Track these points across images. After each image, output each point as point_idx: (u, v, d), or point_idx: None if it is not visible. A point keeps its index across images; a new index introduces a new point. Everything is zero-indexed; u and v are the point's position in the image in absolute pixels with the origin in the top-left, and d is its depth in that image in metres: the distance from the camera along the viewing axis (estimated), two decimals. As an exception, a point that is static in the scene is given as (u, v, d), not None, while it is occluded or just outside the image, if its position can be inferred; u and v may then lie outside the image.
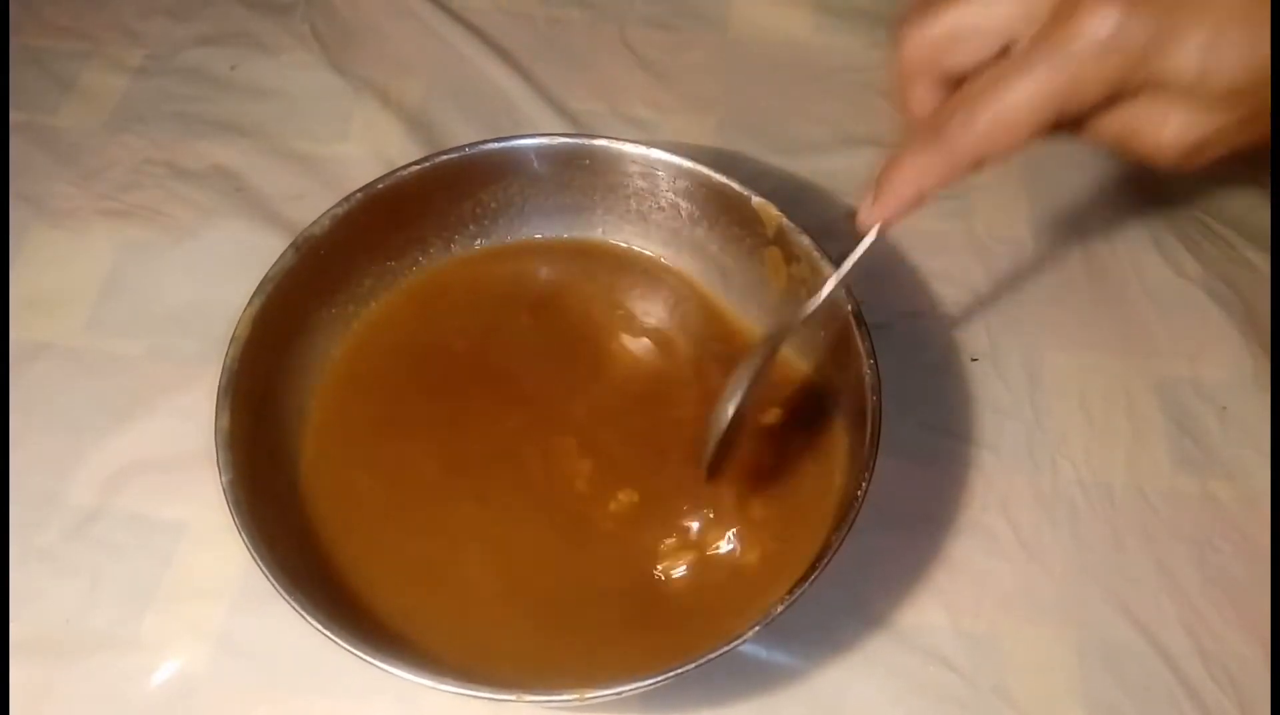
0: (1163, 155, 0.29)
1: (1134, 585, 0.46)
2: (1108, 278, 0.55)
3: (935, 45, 0.30)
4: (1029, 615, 0.45)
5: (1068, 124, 0.29)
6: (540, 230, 0.49)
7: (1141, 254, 0.55)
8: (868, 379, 0.39)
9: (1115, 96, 0.28)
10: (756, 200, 0.44)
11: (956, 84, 0.30)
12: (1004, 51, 0.29)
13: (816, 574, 0.35)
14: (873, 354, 0.39)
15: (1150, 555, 0.47)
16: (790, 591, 0.35)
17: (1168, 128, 0.28)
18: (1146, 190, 0.58)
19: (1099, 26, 0.26)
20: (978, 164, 0.29)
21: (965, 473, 0.49)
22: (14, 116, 0.60)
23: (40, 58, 0.63)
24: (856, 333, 0.40)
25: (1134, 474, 0.49)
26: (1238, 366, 0.52)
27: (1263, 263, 0.55)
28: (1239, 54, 0.26)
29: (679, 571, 0.40)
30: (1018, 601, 0.45)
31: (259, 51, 0.63)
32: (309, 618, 0.35)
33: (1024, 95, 0.27)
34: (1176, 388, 0.51)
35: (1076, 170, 0.58)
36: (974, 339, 0.53)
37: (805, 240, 0.43)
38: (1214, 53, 0.26)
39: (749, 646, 0.35)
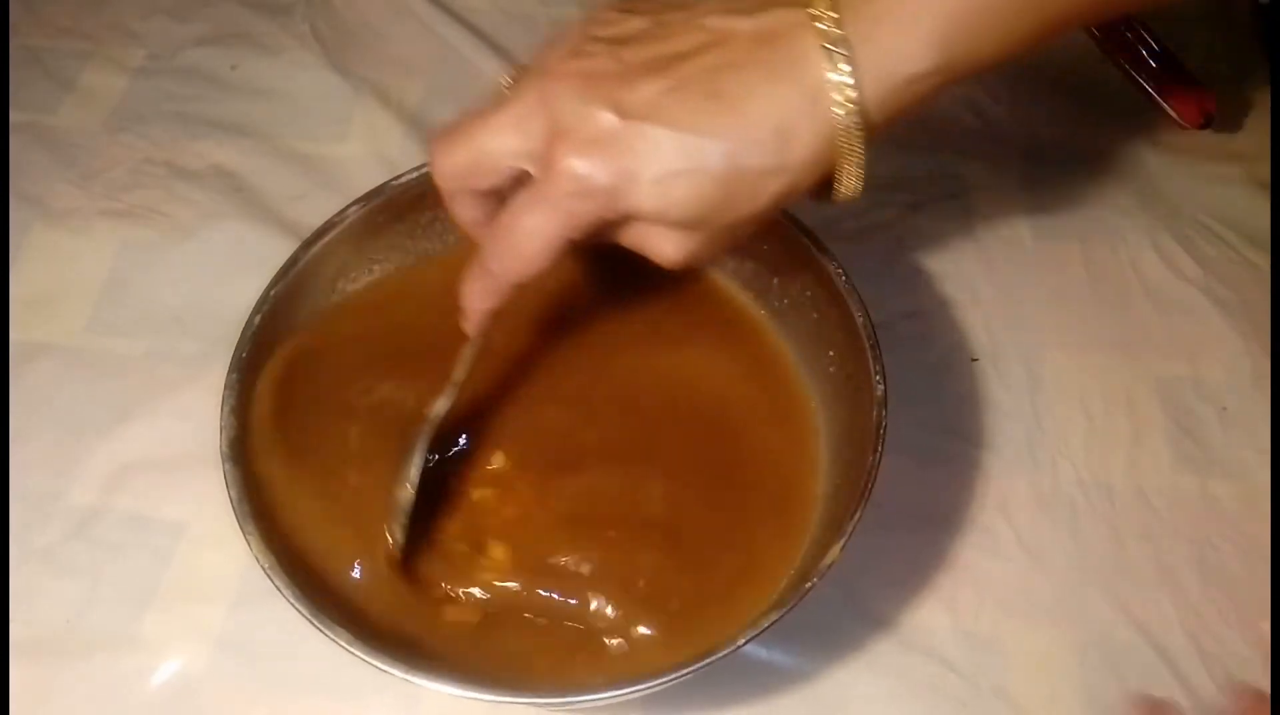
0: (672, 263, 0.35)
1: (1134, 585, 0.46)
2: (1108, 278, 0.55)
3: (460, 171, 0.35)
4: (1029, 615, 0.45)
5: (586, 239, 0.34)
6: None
7: (1141, 254, 0.55)
8: (877, 393, 0.39)
9: (611, 222, 0.33)
10: None
11: (498, 194, 0.35)
12: (523, 174, 0.34)
13: (818, 577, 0.35)
14: (882, 372, 0.39)
15: (1150, 555, 0.47)
16: (792, 594, 0.35)
17: (665, 245, 0.34)
18: (1146, 191, 0.58)
19: (569, 175, 0.32)
20: (518, 282, 0.35)
21: (965, 473, 0.49)
22: (14, 116, 0.60)
23: (40, 58, 0.63)
24: (869, 353, 0.40)
25: (1134, 474, 0.49)
26: (1238, 366, 0.52)
27: (1263, 263, 0.55)
28: (679, 200, 0.32)
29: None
30: (1018, 601, 0.45)
31: (259, 51, 0.63)
32: (310, 617, 0.35)
33: (533, 230, 0.33)
34: (1176, 388, 0.51)
35: (1077, 170, 0.58)
36: (974, 339, 0.53)
37: (804, 241, 0.43)
38: (661, 197, 0.32)
39: (750, 647, 0.35)
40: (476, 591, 0.39)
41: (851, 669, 0.44)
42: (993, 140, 0.59)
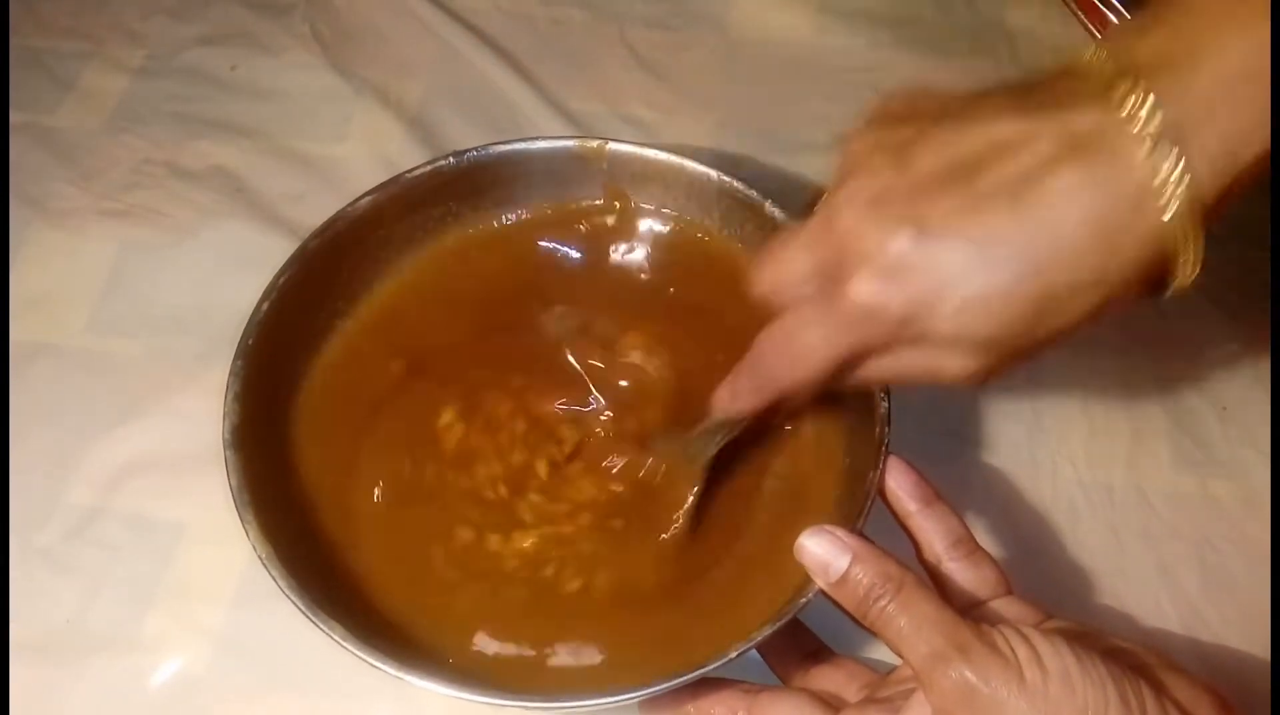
0: (958, 385, 0.33)
1: (1134, 585, 0.46)
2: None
3: (767, 292, 0.35)
4: (1029, 615, 0.45)
5: (861, 363, 0.33)
6: (544, 230, 0.49)
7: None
8: (881, 410, 0.38)
9: (892, 345, 0.32)
10: (769, 207, 0.44)
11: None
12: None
13: (813, 593, 0.35)
14: (887, 388, 0.39)
15: (1150, 555, 0.47)
16: (793, 600, 0.35)
17: (950, 367, 0.32)
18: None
19: (859, 301, 0.31)
20: (784, 394, 0.35)
21: (965, 473, 0.49)
22: (14, 116, 0.60)
23: (40, 58, 0.63)
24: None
25: (1134, 474, 0.49)
26: (1238, 366, 0.52)
27: (1262, 263, 0.55)
28: (983, 321, 0.30)
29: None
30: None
31: (259, 51, 0.63)
32: (312, 616, 0.35)
33: (813, 347, 0.33)
34: (1176, 388, 0.51)
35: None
36: (974, 339, 0.53)
37: None
38: (963, 320, 0.30)
39: (752, 650, 0.35)
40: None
41: (852, 669, 0.44)
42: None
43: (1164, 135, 0.28)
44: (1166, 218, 0.29)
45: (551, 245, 0.48)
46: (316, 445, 0.43)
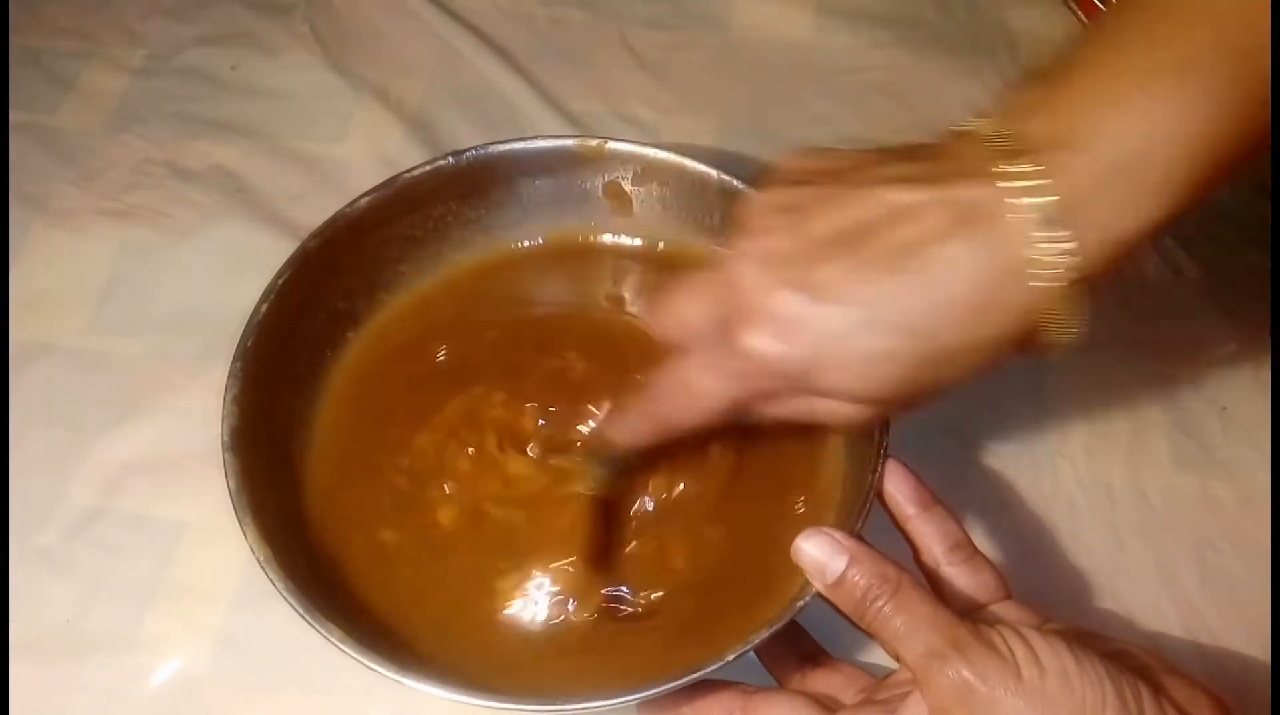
0: (849, 427, 0.36)
1: (1134, 585, 0.46)
2: (1107, 278, 0.55)
3: (662, 334, 0.36)
4: (1029, 615, 0.45)
5: (754, 406, 0.35)
6: (545, 232, 0.49)
7: (1141, 254, 0.55)
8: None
9: (782, 393, 0.34)
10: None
11: None
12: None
13: (809, 596, 0.35)
14: None
15: (1150, 555, 0.47)
16: (790, 603, 0.35)
17: (839, 413, 0.34)
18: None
19: (750, 354, 0.32)
20: (673, 431, 0.36)
21: (965, 473, 0.49)
22: (14, 116, 0.60)
23: (40, 58, 0.63)
24: None
25: (1134, 474, 0.49)
26: (1237, 366, 0.52)
27: (1262, 263, 0.55)
28: (867, 379, 0.32)
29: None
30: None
31: (259, 51, 0.63)
32: (310, 619, 0.35)
33: (704, 391, 0.34)
34: (1176, 388, 0.51)
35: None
36: (974, 339, 0.53)
37: None
38: (847, 377, 0.32)
39: (751, 652, 0.35)
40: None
41: (851, 669, 0.44)
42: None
43: (1051, 213, 0.29)
44: (1047, 289, 0.30)
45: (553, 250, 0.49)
46: (316, 447, 0.43)
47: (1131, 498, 0.48)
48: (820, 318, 0.31)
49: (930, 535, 0.37)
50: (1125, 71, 0.30)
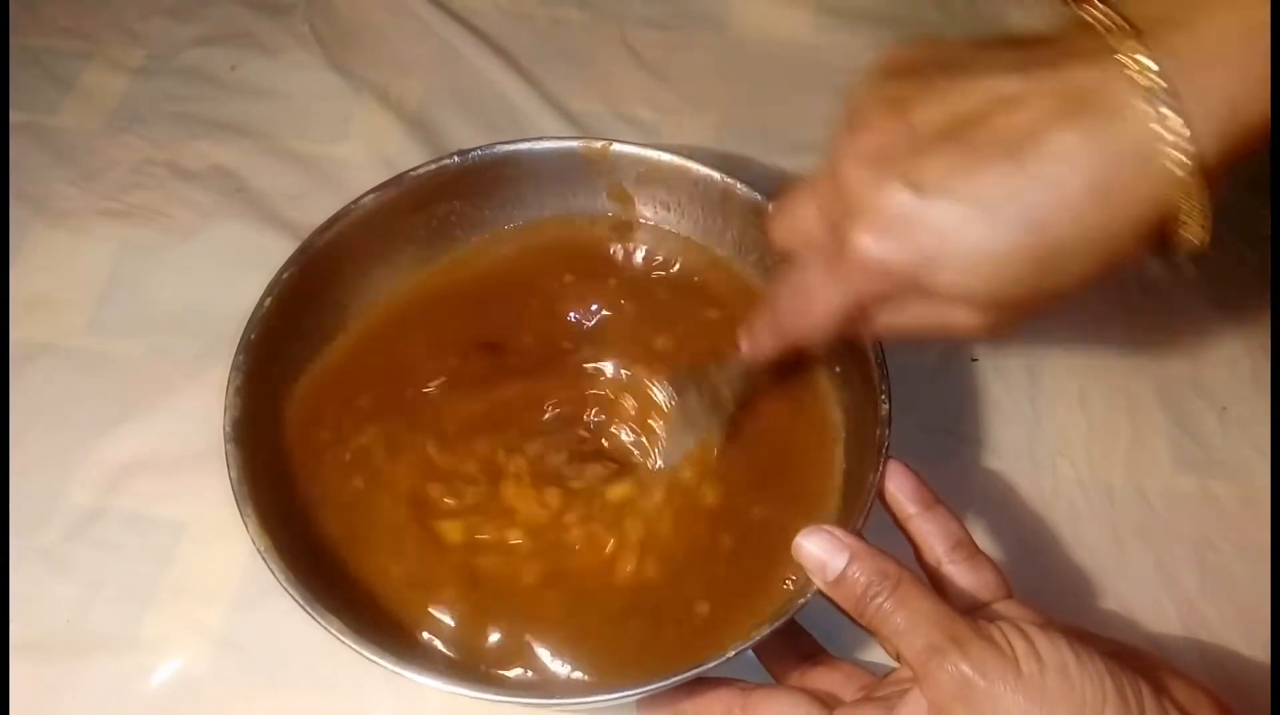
0: (969, 336, 0.34)
1: (1134, 585, 0.46)
2: (1107, 278, 0.55)
3: (779, 243, 0.36)
4: (1029, 615, 0.45)
5: (871, 312, 0.34)
6: (548, 231, 0.49)
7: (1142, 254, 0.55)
8: (882, 412, 0.39)
9: (897, 297, 0.33)
10: (772, 208, 0.44)
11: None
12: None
13: (810, 594, 0.35)
14: (888, 391, 0.39)
15: (1150, 555, 0.47)
16: (791, 601, 0.35)
17: (957, 320, 0.32)
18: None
19: (862, 257, 0.31)
20: (799, 340, 0.37)
21: (965, 473, 0.49)
22: (14, 116, 0.60)
23: (40, 58, 0.63)
24: (875, 372, 0.40)
25: (1134, 474, 0.49)
26: (1238, 366, 0.52)
27: (1262, 263, 0.55)
28: (985, 278, 0.30)
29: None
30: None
31: (259, 51, 0.63)
32: (310, 610, 0.35)
33: (823, 300, 0.34)
34: (1176, 388, 0.51)
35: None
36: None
37: None
38: (964, 276, 0.30)
39: (752, 652, 0.35)
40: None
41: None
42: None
43: (1164, 93, 0.28)
44: (1169, 175, 0.28)
45: (554, 249, 0.49)
46: (316, 441, 0.43)
47: (1131, 498, 0.48)
48: (929, 213, 0.30)
49: (932, 534, 0.37)
50: None
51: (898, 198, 0.30)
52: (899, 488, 0.37)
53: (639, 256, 0.48)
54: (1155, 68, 0.28)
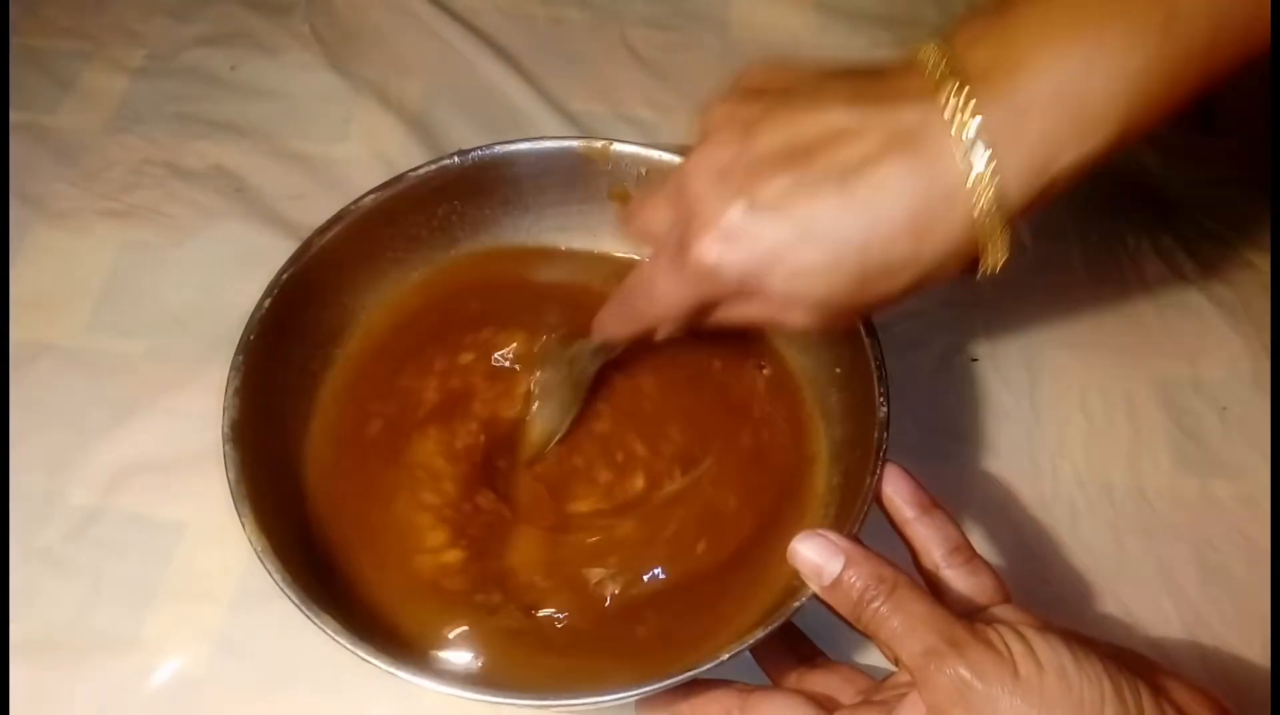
0: (800, 332, 0.36)
1: (1134, 585, 0.46)
2: (1107, 278, 0.55)
3: (631, 237, 0.40)
4: (1029, 615, 0.45)
5: (711, 309, 0.36)
6: (547, 231, 0.49)
7: (1141, 255, 0.55)
8: (880, 415, 0.39)
9: (735, 298, 0.35)
10: None
11: None
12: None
13: (805, 597, 0.35)
14: (886, 393, 0.39)
15: (1150, 555, 0.47)
16: (786, 603, 0.35)
17: (789, 318, 0.35)
18: (1145, 192, 0.58)
19: (700, 261, 0.33)
20: (648, 327, 0.38)
21: (965, 473, 0.49)
22: (14, 116, 0.60)
23: (40, 58, 0.63)
24: (874, 374, 0.40)
25: (1134, 474, 0.49)
26: (1238, 366, 0.52)
27: (1262, 263, 0.55)
28: (811, 286, 0.33)
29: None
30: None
31: (259, 51, 0.63)
32: (306, 611, 0.35)
33: (665, 292, 0.36)
34: (1176, 388, 0.51)
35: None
36: (974, 339, 0.53)
37: None
38: (793, 284, 0.33)
39: (748, 656, 0.35)
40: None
41: (851, 669, 0.44)
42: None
43: (979, 139, 0.30)
44: (975, 213, 0.31)
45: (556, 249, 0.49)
46: (315, 443, 0.43)
47: (1131, 498, 0.48)
48: (765, 228, 0.32)
49: (929, 538, 0.37)
50: (1065, 8, 0.31)
51: (735, 212, 0.33)
52: (897, 491, 0.37)
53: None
54: (973, 116, 0.30)
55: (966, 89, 0.31)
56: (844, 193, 0.32)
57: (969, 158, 0.31)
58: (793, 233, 0.32)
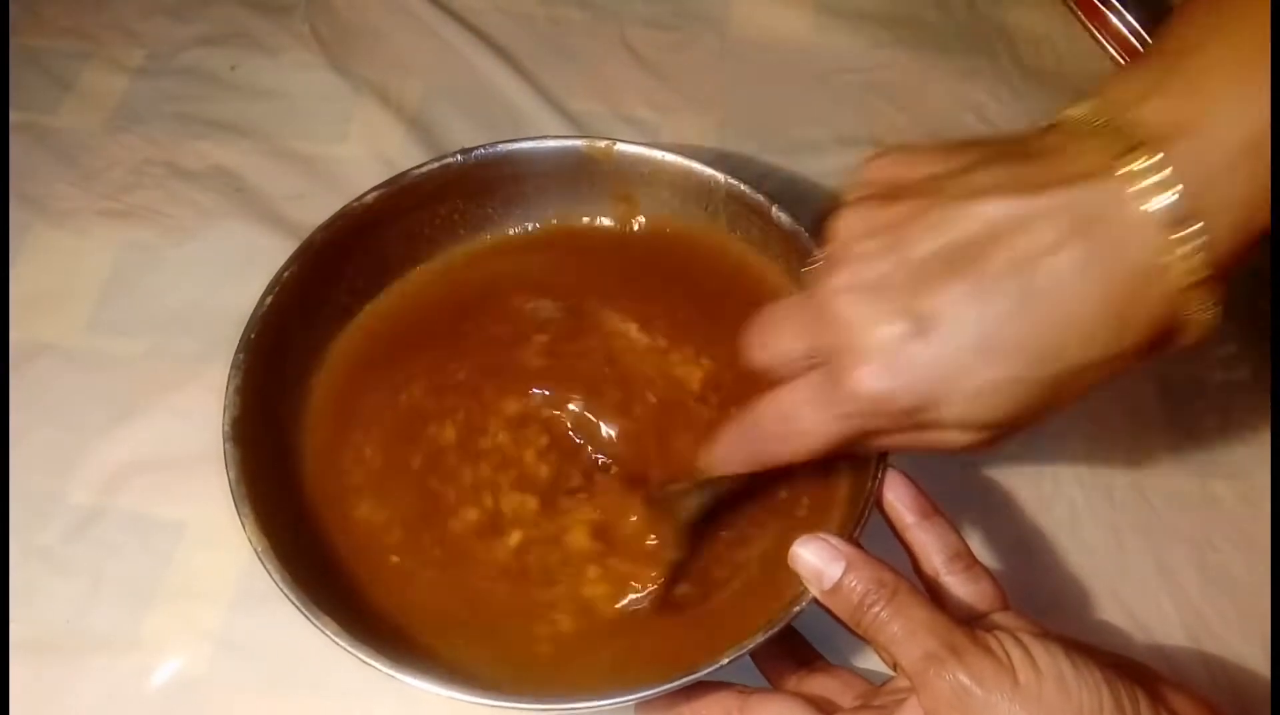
0: (961, 454, 0.33)
1: (1134, 585, 0.46)
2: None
3: (758, 365, 0.35)
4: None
5: (861, 443, 0.33)
6: (551, 230, 0.49)
7: None
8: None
9: (894, 431, 0.32)
10: (776, 212, 0.44)
11: None
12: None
13: (805, 601, 0.35)
14: None
15: (1150, 555, 0.47)
16: (787, 608, 0.35)
17: (955, 442, 0.32)
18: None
19: (862, 394, 0.30)
20: (776, 465, 0.35)
21: (965, 474, 0.49)
22: (14, 116, 0.60)
23: (40, 58, 0.63)
24: None
25: (1134, 474, 0.49)
26: (1238, 366, 0.52)
27: (1263, 263, 0.55)
28: (994, 407, 0.30)
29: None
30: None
31: (259, 51, 0.63)
32: (306, 612, 0.35)
33: (810, 428, 0.32)
34: (1176, 387, 0.51)
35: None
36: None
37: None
38: (972, 408, 0.30)
39: (748, 659, 0.35)
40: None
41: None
42: (993, 140, 0.59)
43: (1180, 207, 0.27)
44: (1183, 283, 0.28)
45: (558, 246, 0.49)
46: (316, 442, 0.43)
47: (1131, 498, 0.48)
48: (938, 349, 0.29)
49: (929, 544, 0.36)
50: (1235, 51, 0.28)
51: (898, 334, 0.29)
52: (898, 497, 0.37)
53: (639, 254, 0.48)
54: (1171, 183, 0.27)
55: (1148, 155, 0.27)
56: (1024, 295, 0.28)
57: (1169, 228, 0.27)
58: (972, 349, 0.29)
